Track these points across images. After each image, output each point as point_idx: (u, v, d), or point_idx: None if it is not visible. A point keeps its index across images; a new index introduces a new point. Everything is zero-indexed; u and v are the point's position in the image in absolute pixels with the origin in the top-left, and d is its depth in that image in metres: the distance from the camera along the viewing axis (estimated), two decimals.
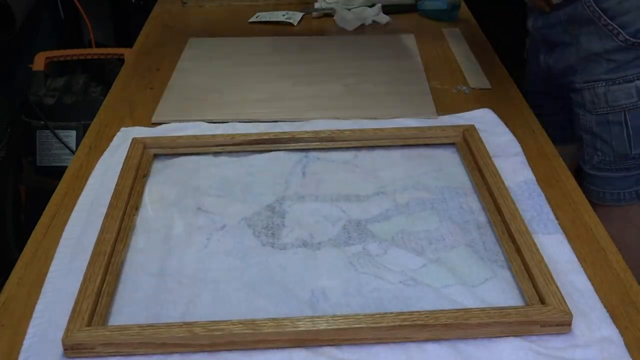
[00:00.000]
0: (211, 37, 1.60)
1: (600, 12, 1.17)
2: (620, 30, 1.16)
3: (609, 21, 1.17)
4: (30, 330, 0.79)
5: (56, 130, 1.93)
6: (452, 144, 1.12)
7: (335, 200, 0.98)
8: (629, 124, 1.19)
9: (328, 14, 1.70)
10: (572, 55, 1.24)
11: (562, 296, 0.79)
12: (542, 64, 1.34)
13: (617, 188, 1.23)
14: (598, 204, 1.25)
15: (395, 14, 1.71)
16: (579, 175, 1.27)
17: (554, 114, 1.38)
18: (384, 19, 1.67)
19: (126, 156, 1.07)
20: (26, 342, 0.77)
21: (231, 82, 1.36)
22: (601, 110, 1.20)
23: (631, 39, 1.16)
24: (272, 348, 0.75)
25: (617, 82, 1.19)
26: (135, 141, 1.10)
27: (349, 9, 1.67)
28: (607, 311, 0.80)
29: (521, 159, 1.08)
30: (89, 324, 0.76)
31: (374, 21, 1.67)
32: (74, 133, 1.94)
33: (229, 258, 0.87)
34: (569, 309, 0.77)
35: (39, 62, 2.04)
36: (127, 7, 2.62)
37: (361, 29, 1.65)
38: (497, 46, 1.53)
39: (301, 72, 1.38)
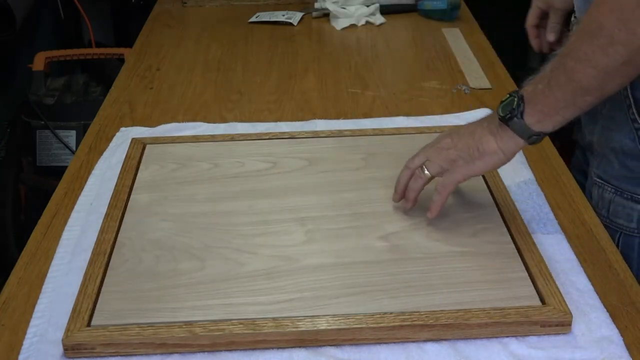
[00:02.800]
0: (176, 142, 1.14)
1: (632, 100, 0.94)
2: None
3: (637, 116, 0.94)
4: (30, 330, 0.79)
5: (56, 130, 1.93)
6: None
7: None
8: (620, 248, 0.98)
9: (328, 14, 1.70)
10: (594, 133, 1.03)
11: (562, 296, 0.79)
12: None
13: None
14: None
15: (395, 14, 1.72)
16: None
17: None
18: (378, 19, 1.67)
19: (126, 156, 1.07)
20: (26, 342, 0.77)
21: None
22: (602, 217, 1.01)
23: None
24: (272, 348, 0.75)
25: (625, 195, 0.99)
26: (135, 141, 1.11)
27: (344, 8, 1.67)
28: (607, 311, 0.80)
29: (521, 158, 1.08)
30: (89, 324, 0.76)
31: (367, 22, 1.67)
32: (73, 133, 1.94)
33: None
34: (568, 309, 0.77)
35: (39, 62, 2.05)
36: (127, 7, 2.62)
37: (354, 30, 1.65)
38: (497, 46, 1.53)
39: None
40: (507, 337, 0.76)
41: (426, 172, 0.90)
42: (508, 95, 0.84)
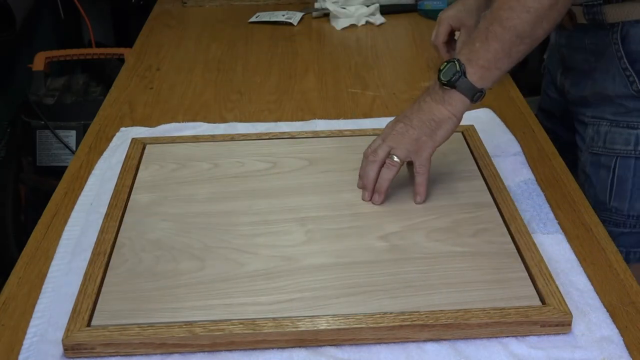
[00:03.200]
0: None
1: (623, 53, 1.08)
2: (636, 79, 1.08)
3: (628, 65, 1.08)
4: (30, 330, 0.79)
5: (56, 130, 1.93)
6: None
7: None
8: (617, 171, 1.12)
9: (328, 14, 1.70)
10: (587, 87, 1.16)
11: (562, 296, 0.79)
12: (559, 85, 1.26)
13: None
14: None
15: (395, 14, 1.71)
16: None
17: (564, 149, 1.23)
18: (378, 19, 1.67)
19: (126, 156, 1.07)
20: (26, 342, 0.77)
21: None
22: (597, 149, 1.13)
23: None
24: (272, 348, 0.75)
25: (621, 124, 1.11)
26: (134, 141, 1.11)
27: (344, 8, 1.67)
28: (607, 311, 0.80)
29: (521, 158, 1.08)
30: (89, 324, 0.76)
31: (367, 22, 1.67)
32: (73, 133, 1.94)
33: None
34: (568, 309, 0.77)
35: (39, 62, 2.05)
36: (127, 7, 2.63)
37: (354, 30, 1.65)
38: None
39: None
40: (507, 337, 0.76)
41: (395, 159, 0.94)
42: (445, 63, 0.92)
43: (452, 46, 1.31)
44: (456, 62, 0.91)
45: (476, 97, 0.92)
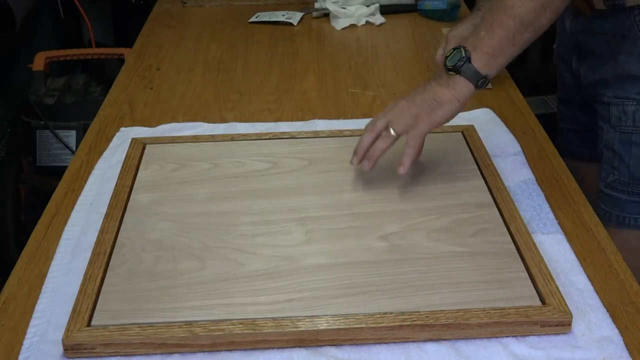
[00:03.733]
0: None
1: None
2: None
3: None
4: (30, 330, 0.79)
5: (56, 130, 1.93)
6: None
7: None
8: None
9: (328, 14, 1.70)
10: (607, 70, 1.16)
11: (562, 296, 0.79)
12: (574, 69, 1.27)
13: (624, 212, 1.18)
14: (605, 224, 1.20)
15: (395, 14, 1.72)
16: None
17: (587, 130, 1.31)
18: (378, 19, 1.67)
19: (126, 156, 1.07)
20: (26, 342, 0.77)
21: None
22: (626, 128, 1.15)
23: None
24: (272, 348, 0.75)
25: None
26: (134, 141, 1.11)
27: (344, 8, 1.67)
28: (607, 311, 0.80)
29: (521, 158, 1.08)
30: (89, 324, 0.76)
31: (367, 22, 1.67)
32: (73, 133, 1.94)
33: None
34: (568, 309, 0.77)
35: (39, 62, 2.04)
36: (127, 7, 2.62)
37: (354, 30, 1.65)
38: None
39: None
40: (507, 337, 0.76)
41: (392, 132, 0.96)
42: (452, 50, 0.95)
43: None
44: (462, 49, 0.94)
45: (480, 83, 0.95)
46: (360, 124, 1.19)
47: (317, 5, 1.74)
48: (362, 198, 0.97)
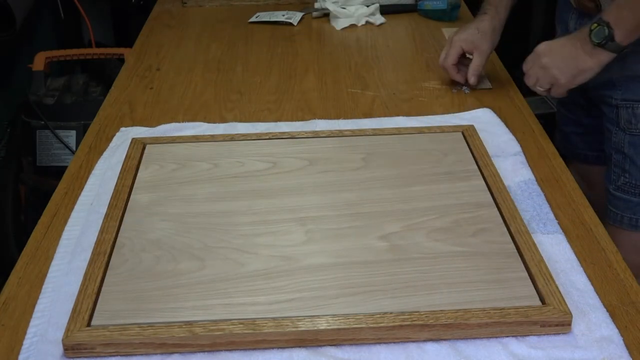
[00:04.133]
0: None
1: None
2: None
3: None
4: (30, 330, 0.79)
5: (56, 130, 1.93)
6: None
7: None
8: None
9: (328, 14, 1.70)
10: (614, 70, 1.16)
11: (562, 296, 0.79)
12: None
13: (637, 214, 1.19)
14: (615, 226, 1.20)
15: (395, 14, 1.72)
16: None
17: (589, 133, 1.33)
18: (378, 19, 1.67)
19: (126, 156, 1.07)
20: (26, 342, 0.77)
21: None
22: (637, 131, 1.16)
23: None
24: (272, 348, 0.75)
25: None
26: (134, 141, 1.11)
27: (344, 8, 1.67)
28: (607, 311, 0.80)
29: (521, 158, 1.08)
30: (89, 324, 0.76)
31: (367, 22, 1.67)
32: (73, 133, 1.94)
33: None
34: (568, 309, 0.77)
35: (39, 62, 2.04)
36: (127, 7, 2.62)
37: (354, 30, 1.65)
38: (497, 46, 1.53)
39: None
40: (507, 337, 0.76)
41: (539, 88, 1.16)
42: (596, 24, 1.07)
43: (461, 67, 1.31)
44: (605, 28, 1.05)
45: (622, 53, 1.07)
46: (360, 124, 1.19)
47: (317, 5, 1.74)
48: (362, 198, 0.97)
